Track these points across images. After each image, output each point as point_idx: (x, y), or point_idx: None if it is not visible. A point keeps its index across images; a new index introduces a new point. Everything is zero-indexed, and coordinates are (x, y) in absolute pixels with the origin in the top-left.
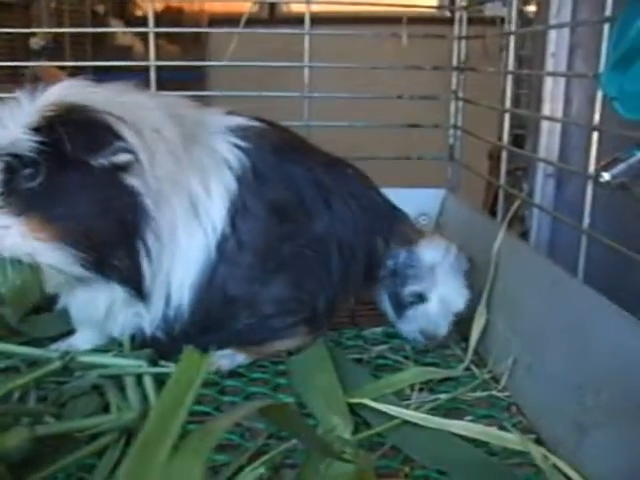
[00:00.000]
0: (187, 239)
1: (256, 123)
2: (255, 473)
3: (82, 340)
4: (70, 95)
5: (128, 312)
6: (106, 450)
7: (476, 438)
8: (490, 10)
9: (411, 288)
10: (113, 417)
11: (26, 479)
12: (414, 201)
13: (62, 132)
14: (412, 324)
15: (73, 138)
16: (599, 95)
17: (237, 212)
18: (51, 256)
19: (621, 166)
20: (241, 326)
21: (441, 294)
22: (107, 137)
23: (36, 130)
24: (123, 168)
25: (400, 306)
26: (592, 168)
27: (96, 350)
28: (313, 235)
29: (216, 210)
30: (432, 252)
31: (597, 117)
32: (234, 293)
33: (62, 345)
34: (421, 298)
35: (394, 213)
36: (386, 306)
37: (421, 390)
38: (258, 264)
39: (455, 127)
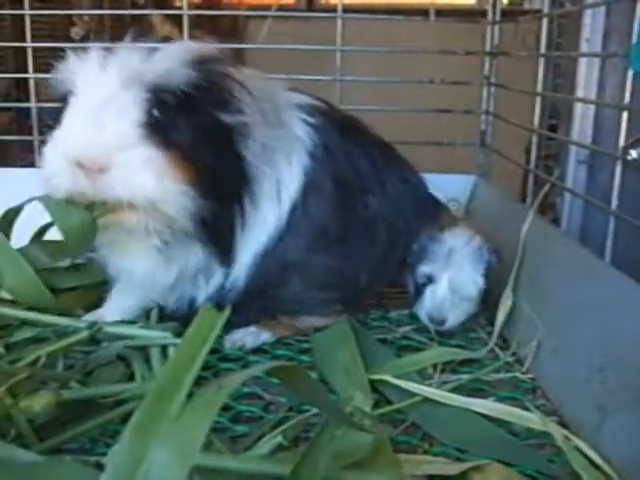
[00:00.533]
0: (266, 213)
1: (318, 102)
2: (273, 442)
3: (111, 311)
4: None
5: (188, 283)
6: (129, 417)
7: (497, 418)
8: (529, 4)
9: (423, 268)
10: (137, 385)
11: (51, 440)
12: (445, 186)
13: (214, 77)
14: (422, 308)
15: (214, 92)
16: (629, 74)
17: (309, 187)
18: (175, 202)
19: None
20: (289, 295)
21: (451, 277)
22: (244, 100)
23: (189, 67)
24: (242, 133)
25: (416, 288)
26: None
27: (123, 321)
28: (366, 212)
29: (292, 185)
30: (454, 238)
31: (627, 96)
32: (292, 259)
33: (91, 316)
34: (430, 279)
35: (436, 200)
36: (410, 289)
37: (443, 371)
38: (318, 234)
39: (487, 113)
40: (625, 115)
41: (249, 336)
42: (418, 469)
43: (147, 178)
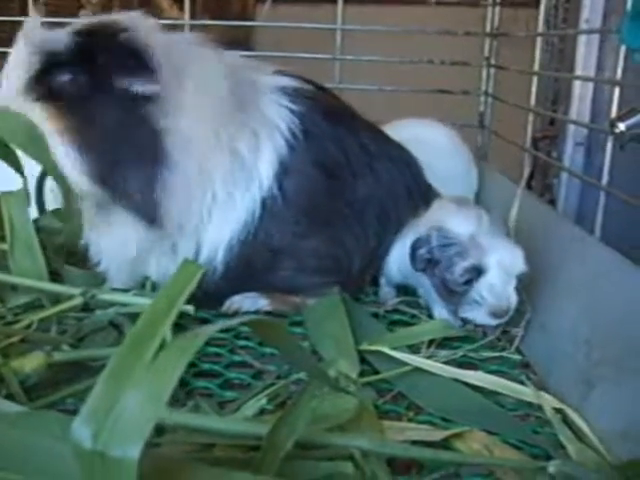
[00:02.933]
0: (228, 200)
1: (305, 85)
2: (257, 405)
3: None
4: (138, 24)
5: (161, 259)
6: None
7: (485, 390)
8: None
9: (462, 265)
10: None
11: (41, 400)
12: None
13: (98, 44)
14: (476, 308)
15: (105, 54)
16: (622, 50)
17: (285, 172)
18: (54, 147)
19: (638, 117)
20: (280, 280)
21: (498, 259)
22: (136, 65)
23: (77, 34)
24: (145, 98)
25: (452, 294)
26: None
27: (117, 289)
28: (355, 195)
29: (264, 172)
30: (464, 223)
31: (619, 72)
32: (277, 245)
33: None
34: (477, 271)
35: (428, 184)
36: (433, 302)
37: (430, 345)
38: (303, 219)
39: (486, 94)
40: (617, 91)
41: (247, 300)
42: (401, 435)
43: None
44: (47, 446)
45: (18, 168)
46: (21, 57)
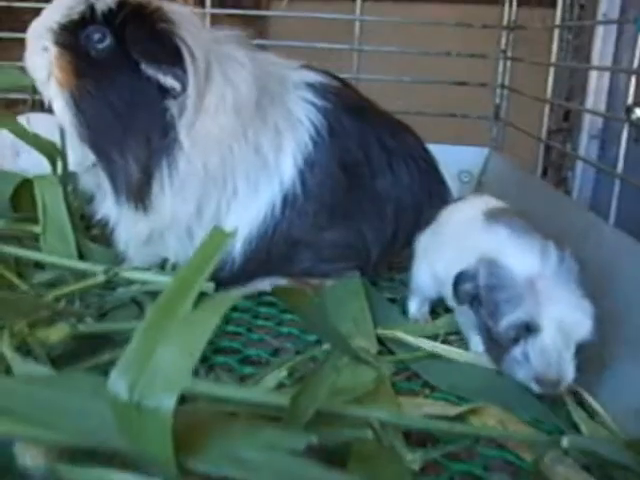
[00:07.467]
0: (249, 194)
1: (332, 81)
2: (277, 378)
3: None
4: (181, 18)
5: (178, 243)
6: None
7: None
8: None
9: (509, 319)
10: None
11: (65, 370)
12: (458, 158)
13: (138, 25)
14: (523, 368)
15: (141, 38)
16: (639, 39)
17: (309, 169)
18: (59, 104)
19: None
20: (296, 268)
21: (557, 317)
22: (167, 58)
23: (124, 4)
24: (166, 90)
25: (495, 343)
26: None
27: (138, 268)
28: (375, 192)
29: (286, 169)
30: (524, 260)
31: (636, 62)
32: (297, 238)
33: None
34: (528, 328)
35: (443, 181)
36: (471, 333)
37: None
38: (324, 213)
39: (502, 87)
40: (633, 80)
41: (267, 280)
42: (418, 410)
43: (37, 60)
44: (80, 403)
45: (53, 161)
46: (63, 9)
